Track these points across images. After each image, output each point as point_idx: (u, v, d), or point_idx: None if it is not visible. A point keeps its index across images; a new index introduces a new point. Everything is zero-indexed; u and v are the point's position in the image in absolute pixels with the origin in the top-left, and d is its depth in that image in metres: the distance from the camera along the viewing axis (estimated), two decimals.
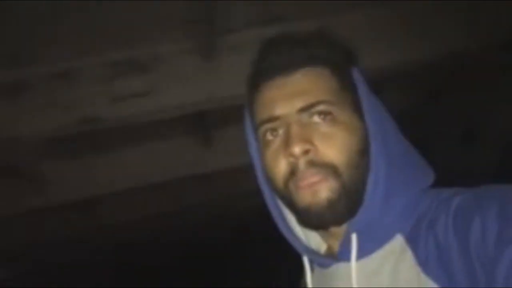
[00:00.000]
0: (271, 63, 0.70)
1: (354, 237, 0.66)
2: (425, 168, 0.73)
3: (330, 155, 0.64)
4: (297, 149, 0.63)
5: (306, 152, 0.64)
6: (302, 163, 0.64)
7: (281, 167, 0.66)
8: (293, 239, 0.73)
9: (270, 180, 0.69)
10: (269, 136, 0.68)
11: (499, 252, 0.55)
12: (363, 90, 0.70)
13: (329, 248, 0.76)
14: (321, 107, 0.66)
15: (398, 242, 0.67)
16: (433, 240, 0.63)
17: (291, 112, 0.66)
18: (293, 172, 0.65)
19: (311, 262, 0.75)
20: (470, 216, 0.59)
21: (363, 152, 0.67)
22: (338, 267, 0.70)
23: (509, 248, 0.54)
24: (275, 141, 0.67)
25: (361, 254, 0.68)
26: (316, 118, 0.66)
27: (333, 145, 0.65)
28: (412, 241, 0.65)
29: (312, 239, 0.76)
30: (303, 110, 0.66)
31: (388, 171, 0.66)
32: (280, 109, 0.67)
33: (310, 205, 0.64)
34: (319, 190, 0.64)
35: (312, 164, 0.64)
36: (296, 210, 0.67)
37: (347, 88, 0.69)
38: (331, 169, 0.64)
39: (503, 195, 0.60)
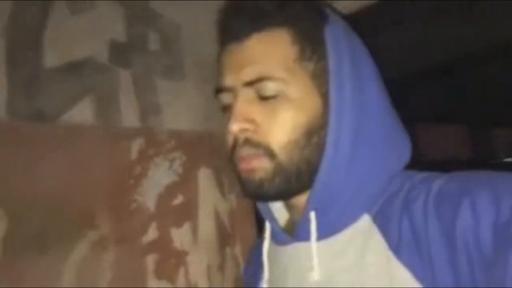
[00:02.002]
0: (227, 26, 0.64)
1: (312, 216, 0.62)
2: (404, 147, 0.67)
3: (268, 136, 0.60)
4: (234, 127, 0.60)
5: (244, 130, 0.61)
6: (240, 139, 0.61)
7: (228, 138, 0.63)
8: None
9: None
10: (223, 104, 0.65)
11: (504, 248, 0.48)
12: (332, 56, 0.61)
13: (291, 220, 0.71)
14: (267, 84, 0.60)
15: (365, 222, 0.61)
16: (408, 223, 0.57)
17: (237, 85, 0.61)
18: (234, 146, 0.62)
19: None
20: (457, 201, 0.53)
21: (314, 131, 0.61)
22: (296, 246, 0.65)
23: None
24: (228, 110, 0.64)
25: (323, 234, 0.62)
26: (262, 94, 0.60)
27: (274, 125, 0.60)
28: (381, 223, 0.60)
29: (275, 206, 0.72)
30: (248, 84, 0.60)
31: (354, 149, 0.61)
32: (229, 80, 0.62)
33: (245, 179, 0.62)
34: (253, 169, 0.61)
35: (248, 142, 0.61)
36: (239, 181, 0.64)
37: (311, 54, 0.61)
38: (265, 149, 0.60)
39: (493, 180, 0.54)
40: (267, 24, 0.61)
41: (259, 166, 0.60)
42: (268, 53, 0.61)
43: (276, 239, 0.69)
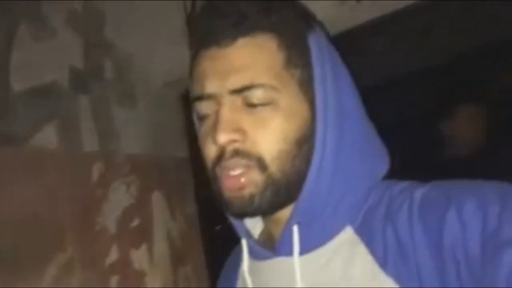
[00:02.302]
0: (207, 29, 0.60)
1: (295, 230, 0.60)
2: (382, 156, 0.66)
3: (258, 146, 0.57)
4: (222, 138, 0.56)
5: (232, 141, 0.57)
6: (228, 151, 0.57)
7: (210, 150, 0.59)
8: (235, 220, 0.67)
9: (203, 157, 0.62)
10: (202, 113, 0.61)
11: (492, 255, 0.48)
12: (317, 63, 0.60)
13: (268, 234, 0.68)
14: (256, 92, 0.57)
15: (348, 234, 0.60)
16: (392, 234, 0.56)
17: (222, 92, 0.58)
18: (220, 158, 0.58)
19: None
20: (442, 210, 0.53)
21: (304, 140, 0.59)
22: (278, 261, 0.63)
23: (505, 252, 0.47)
24: (208, 119, 0.60)
25: (305, 248, 0.60)
26: (250, 102, 0.57)
27: (264, 134, 0.57)
28: (364, 234, 0.59)
29: (247, 221, 0.69)
30: (236, 92, 0.57)
31: (338, 159, 0.60)
32: (212, 87, 0.58)
33: (232, 197, 0.58)
34: (242, 184, 0.57)
35: (237, 153, 0.57)
36: (220, 197, 0.60)
37: (297, 61, 0.59)
38: (257, 160, 0.57)
39: (477, 188, 0.54)
40: (251, 29, 0.58)
41: (249, 182, 0.57)
42: (256, 59, 0.58)
43: (255, 255, 0.66)
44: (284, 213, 0.62)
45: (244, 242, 0.67)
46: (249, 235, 0.68)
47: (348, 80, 0.65)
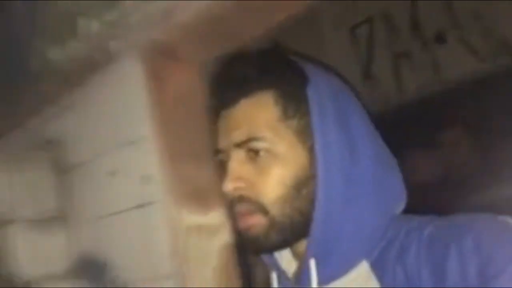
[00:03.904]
0: (218, 95, 0.71)
1: (312, 264, 0.65)
2: (399, 191, 0.70)
3: (259, 192, 0.65)
4: (228, 187, 0.65)
5: (237, 188, 0.65)
6: (235, 197, 0.66)
7: (228, 196, 0.68)
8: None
9: None
10: (221, 166, 0.70)
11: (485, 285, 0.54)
12: (315, 112, 0.66)
13: (299, 268, 0.73)
14: (253, 144, 0.65)
15: (363, 269, 0.65)
16: (402, 270, 0.61)
17: (229, 146, 0.67)
18: (232, 203, 0.67)
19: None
20: (445, 246, 0.58)
21: (303, 183, 0.65)
22: None
23: (492, 284, 0.53)
24: (225, 171, 0.68)
25: (323, 280, 0.65)
26: (251, 154, 0.66)
27: (264, 181, 0.65)
28: (378, 269, 0.64)
29: (284, 257, 0.75)
30: (238, 145, 0.66)
31: (348, 197, 0.65)
32: (222, 143, 0.69)
33: (245, 237, 0.67)
34: (249, 225, 0.65)
35: (242, 199, 0.66)
36: (240, 235, 0.68)
37: (294, 112, 0.66)
38: (258, 206, 0.65)
39: (477, 225, 0.60)
40: (251, 90, 0.67)
41: (253, 222, 0.65)
42: (254, 115, 0.66)
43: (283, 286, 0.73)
44: (305, 246, 0.68)
45: (273, 276, 0.74)
46: (277, 268, 0.74)
47: (360, 120, 0.70)
